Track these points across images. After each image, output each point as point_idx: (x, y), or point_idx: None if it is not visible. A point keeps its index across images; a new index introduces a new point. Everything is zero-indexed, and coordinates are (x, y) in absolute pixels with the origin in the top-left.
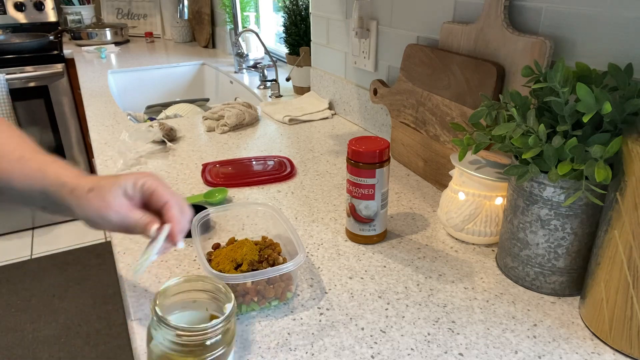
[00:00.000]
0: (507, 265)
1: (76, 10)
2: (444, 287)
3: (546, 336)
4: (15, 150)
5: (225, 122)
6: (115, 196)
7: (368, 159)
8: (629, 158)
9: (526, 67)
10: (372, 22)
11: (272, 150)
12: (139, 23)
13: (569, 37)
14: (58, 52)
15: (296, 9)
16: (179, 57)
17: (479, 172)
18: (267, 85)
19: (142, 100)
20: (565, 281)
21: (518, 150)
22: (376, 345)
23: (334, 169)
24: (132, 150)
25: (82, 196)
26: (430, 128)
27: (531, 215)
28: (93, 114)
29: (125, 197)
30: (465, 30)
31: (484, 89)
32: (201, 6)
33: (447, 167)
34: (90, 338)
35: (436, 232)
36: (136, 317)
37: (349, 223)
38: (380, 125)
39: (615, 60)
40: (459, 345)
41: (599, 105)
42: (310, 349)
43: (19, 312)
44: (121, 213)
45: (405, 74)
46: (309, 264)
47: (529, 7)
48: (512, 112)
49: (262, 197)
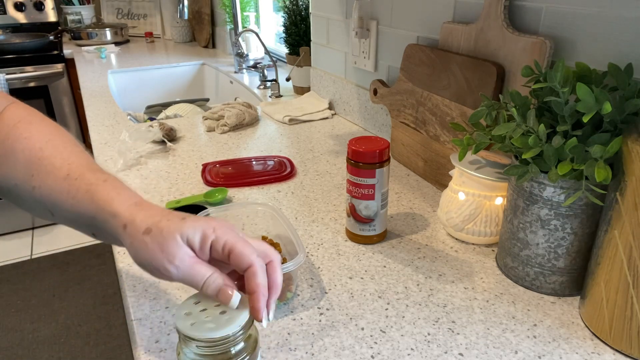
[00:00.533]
0: (507, 265)
1: (76, 10)
2: (444, 287)
3: (546, 336)
4: (63, 165)
5: (225, 122)
6: (178, 247)
7: (368, 159)
8: (629, 158)
9: (526, 67)
10: (372, 22)
11: (272, 150)
12: (139, 23)
13: (569, 37)
14: (58, 52)
15: (296, 9)
16: (179, 57)
17: (479, 172)
18: (267, 85)
19: (142, 100)
20: (565, 281)
21: (518, 150)
22: (376, 345)
23: (334, 169)
24: (132, 150)
25: (137, 236)
26: (430, 128)
27: (531, 215)
28: (93, 114)
29: (189, 246)
30: (465, 30)
31: (484, 89)
32: (201, 6)
33: (447, 167)
34: (90, 338)
35: (436, 232)
36: (136, 317)
37: (349, 223)
38: (380, 125)
39: (615, 60)
40: (459, 345)
41: (599, 105)
42: (310, 349)
43: (19, 312)
44: (183, 269)
45: (405, 74)
46: (309, 264)
47: (529, 7)
48: (512, 112)
49: (262, 197)
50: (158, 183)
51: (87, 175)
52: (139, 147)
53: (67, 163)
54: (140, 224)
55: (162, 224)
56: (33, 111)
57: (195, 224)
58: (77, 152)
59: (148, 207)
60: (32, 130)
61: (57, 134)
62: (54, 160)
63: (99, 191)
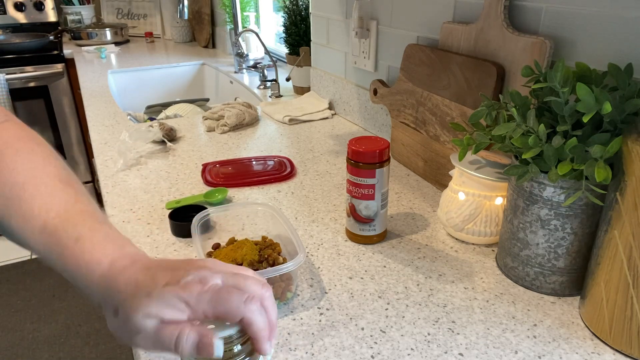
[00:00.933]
0: (507, 265)
1: (76, 10)
2: (444, 287)
3: (546, 336)
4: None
5: (225, 122)
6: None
7: (368, 159)
8: (629, 158)
9: (526, 67)
10: (372, 22)
11: (272, 150)
12: (139, 23)
13: (569, 37)
14: (58, 52)
15: (296, 9)
16: (179, 57)
17: (479, 172)
18: (267, 85)
19: (142, 100)
20: (565, 281)
21: (518, 150)
22: (376, 345)
23: (334, 169)
24: (132, 150)
25: (109, 316)
26: (430, 128)
27: (531, 215)
28: (93, 114)
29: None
30: (465, 30)
31: (484, 89)
32: (201, 6)
33: (447, 167)
34: (90, 338)
35: (436, 232)
36: None
37: (349, 223)
38: (380, 125)
39: (615, 60)
40: (459, 345)
41: (599, 105)
42: (310, 349)
43: (19, 312)
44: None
45: (405, 74)
46: (309, 264)
47: (529, 7)
48: (512, 112)
49: (262, 197)
50: (158, 183)
51: (59, 233)
52: (139, 147)
53: (45, 210)
54: (111, 302)
55: (127, 303)
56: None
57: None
58: (59, 190)
59: (119, 271)
60: (18, 162)
61: (42, 165)
62: (33, 204)
63: (69, 256)
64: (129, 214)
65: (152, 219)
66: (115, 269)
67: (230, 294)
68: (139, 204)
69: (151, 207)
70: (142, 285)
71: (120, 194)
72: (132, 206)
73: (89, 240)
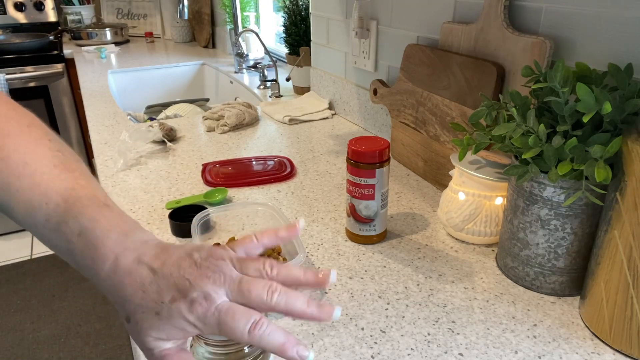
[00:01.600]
0: (507, 265)
1: (76, 10)
2: (444, 287)
3: (546, 336)
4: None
5: (225, 122)
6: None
7: (368, 159)
8: (629, 158)
9: (526, 67)
10: (372, 22)
11: (272, 150)
12: (139, 23)
13: (569, 37)
14: (58, 52)
15: (296, 9)
16: (179, 57)
17: (479, 172)
18: (267, 85)
19: (142, 100)
20: (565, 281)
21: (518, 150)
22: (376, 345)
23: (334, 169)
24: (132, 150)
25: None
26: (430, 128)
27: (531, 215)
28: (93, 114)
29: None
30: (465, 30)
31: (484, 89)
32: (201, 6)
33: (447, 167)
34: (90, 338)
35: (436, 232)
36: None
37: (349, 223)
38: (380, 125)
39: (615, 60)
40: (459, 345)
41: (599, 105)
42: (310, 349)
43: (19, 312)
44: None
45: (405, 74)
46: (309, 264)
47: (529, 7)
48: (512, 112)
49: (262, 197)
50: (158, 183)
51: (62, 227)
52: (139, 147)
53: (45, 202)
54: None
55: (137, 317)
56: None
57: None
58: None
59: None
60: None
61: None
62: (32, 196)
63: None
64: (129, 214)
65: (152, 219)
66: (120, 270)
67: (235, 319)
68: (139, 204)
69: (151, 207)
70: (149, 299)
71: (120, 194)
72: (132, 206)
73: (91, 232)
